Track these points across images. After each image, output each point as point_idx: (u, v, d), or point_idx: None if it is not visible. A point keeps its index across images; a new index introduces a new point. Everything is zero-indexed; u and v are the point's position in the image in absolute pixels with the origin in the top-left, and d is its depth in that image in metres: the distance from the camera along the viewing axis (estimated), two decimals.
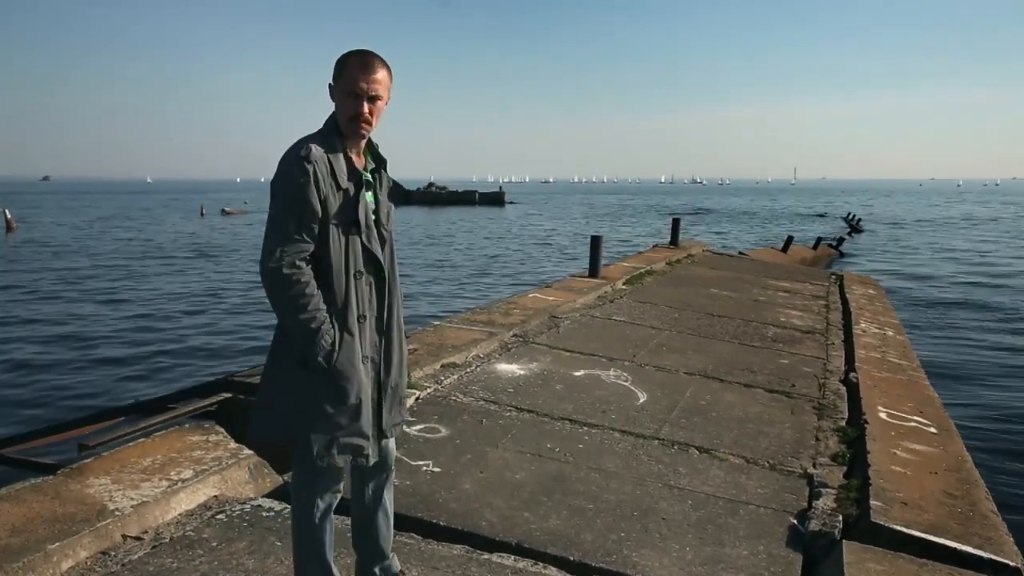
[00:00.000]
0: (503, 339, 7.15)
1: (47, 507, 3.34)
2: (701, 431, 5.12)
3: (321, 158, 2.47)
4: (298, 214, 2.43)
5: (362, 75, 2.47)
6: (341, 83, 2.50)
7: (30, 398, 9.72)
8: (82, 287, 20.56)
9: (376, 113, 2.54)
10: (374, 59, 2.51)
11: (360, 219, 2.52)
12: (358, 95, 2.48)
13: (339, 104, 2.54)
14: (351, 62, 2.49)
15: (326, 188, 2.46)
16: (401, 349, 2.73)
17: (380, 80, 2.50)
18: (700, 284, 11.98)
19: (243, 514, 3.56)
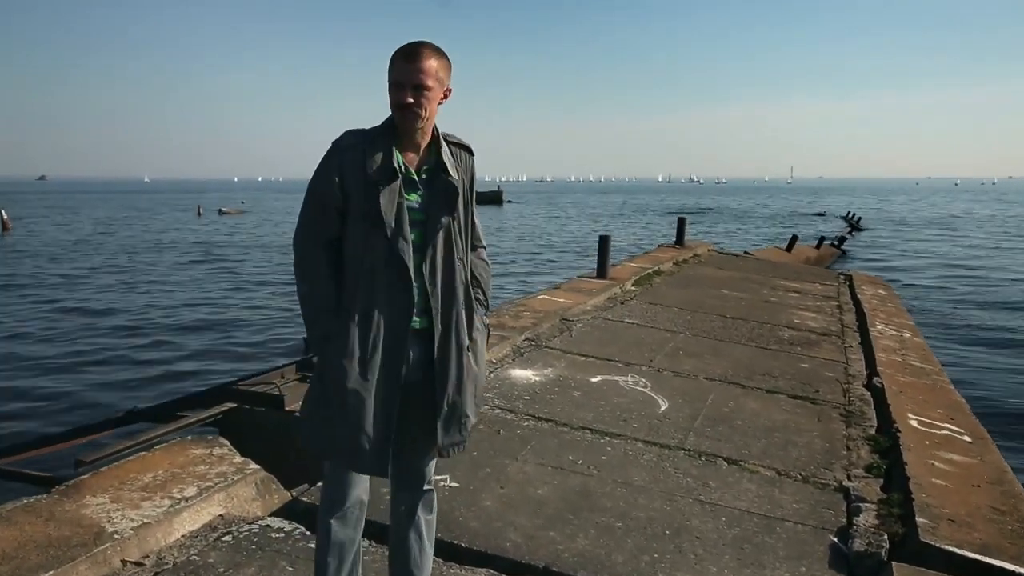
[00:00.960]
0: (515, 343, 6.92)
1: (40, 530, 3.10)
2: (728, 441, 4.89)
3: (353, 147, 2.39)
4: (316, 200, 2.45)
5: (406, 64, 2.34)
6: (389, 74, 2.37)
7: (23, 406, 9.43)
8: (77, 289, 20.29)
9: (426, 104, 2.37)
10: (421, 47, 2.35)
11: (383, 216, 2.35)
12: (402, 84, 2.34)
13: (390, 96, 2.39)
14: (398, 53, 2.36)
15: (352, 178, 2.37)
16: (460, 365, 2.51)
17: (427, 69, 2.34)
18: (709, 285, 11.76)
19: (251, 535, 3.33)
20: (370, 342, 2.39)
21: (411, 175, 2.43)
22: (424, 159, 2.48)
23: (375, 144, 2.39)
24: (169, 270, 25.09)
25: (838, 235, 35.00)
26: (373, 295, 2.39)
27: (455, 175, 2.48)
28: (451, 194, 2.47)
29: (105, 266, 26.14)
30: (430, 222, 2.44)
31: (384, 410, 2.42)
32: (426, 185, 2.46)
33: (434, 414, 2.49)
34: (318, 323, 2.44)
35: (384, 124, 2.45)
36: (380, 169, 2.36)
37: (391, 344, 2.40)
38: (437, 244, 2.45)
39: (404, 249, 2.38)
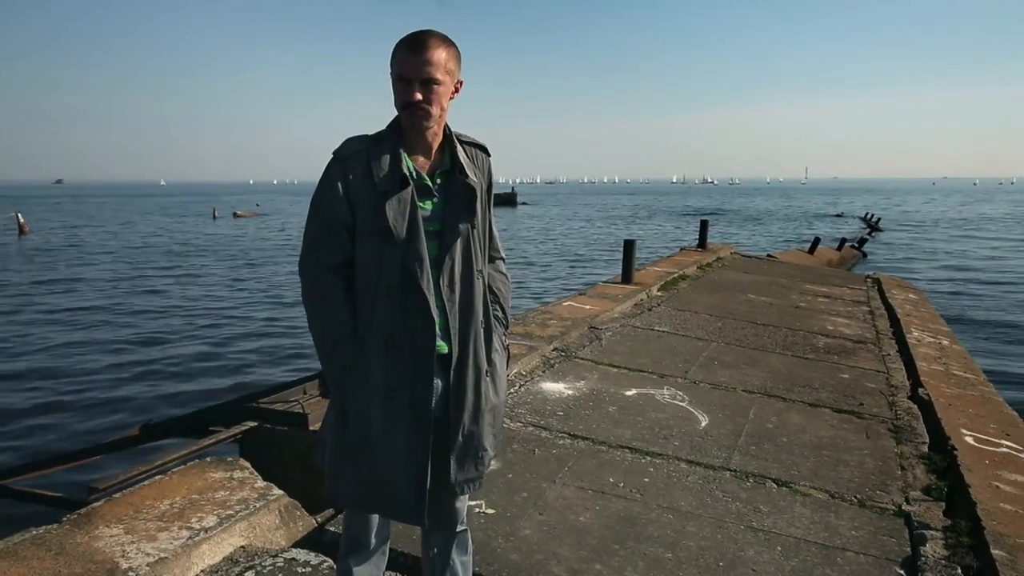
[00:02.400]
0: (544, 353, 6.66)
1: (49, 566, 2.87)
2: (775, 460, 4.62)
3: (356, 156, 2.12)
4: (321, 219, 2.19)
5: (411, 56, 2.05)
6: (392, 68, 2.09)
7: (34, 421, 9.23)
8: (91, 294, 20.19)
9: (435, 100, 2.08)
10: (426, 37, 2.06)
11: (392, 227, 2.08)
12: (408, 80, 2.06)
13: (394, 94, 2.11)
14: (401, 44, 2.07)
15: (359, 190, 2.10)
16: (478, 391, 2.24)
17: (435, 60, 2.05)
18: (736, 289, 11.47)
19: (275, 570, 3.09)
20: (394, 374, 2.14)
21: (424, 180, 2.16)
22: (437, 162, 2.21)
23: (381, 149, 2.12)
24: (182, 273, 24.98)
25: (858, 236, 34.62)
26: (391, 319, 2.12)
27: (473, 176, 2.21)
28: (470, 197, 2.19)
29: (120, 269, 26.08)
30: (447, 231, 2.17)
31: (418, 450, 2.16)
32: (442, 190, 2.19)
33: (448, 447, 2.23)
34: (335, 357, 2.15)
35: (390, 127, 2.19)
36: (389, 176, 2.09)
37: (417, 373, 2.14)
38: (455, 256, 2.18)
39: (421, 264, 2.11)
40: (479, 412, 2.26)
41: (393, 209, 2.09)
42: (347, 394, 2.18)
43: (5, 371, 11.54)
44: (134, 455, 5.25)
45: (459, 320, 2.20)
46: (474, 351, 2.23)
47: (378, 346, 2.14)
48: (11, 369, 11.68)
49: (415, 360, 2.14)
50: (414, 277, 2.11)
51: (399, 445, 2.15)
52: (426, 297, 2.11)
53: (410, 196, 2.11)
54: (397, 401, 2.14)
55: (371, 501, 2.26)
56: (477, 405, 2.25)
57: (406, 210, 2.10)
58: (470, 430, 2.24)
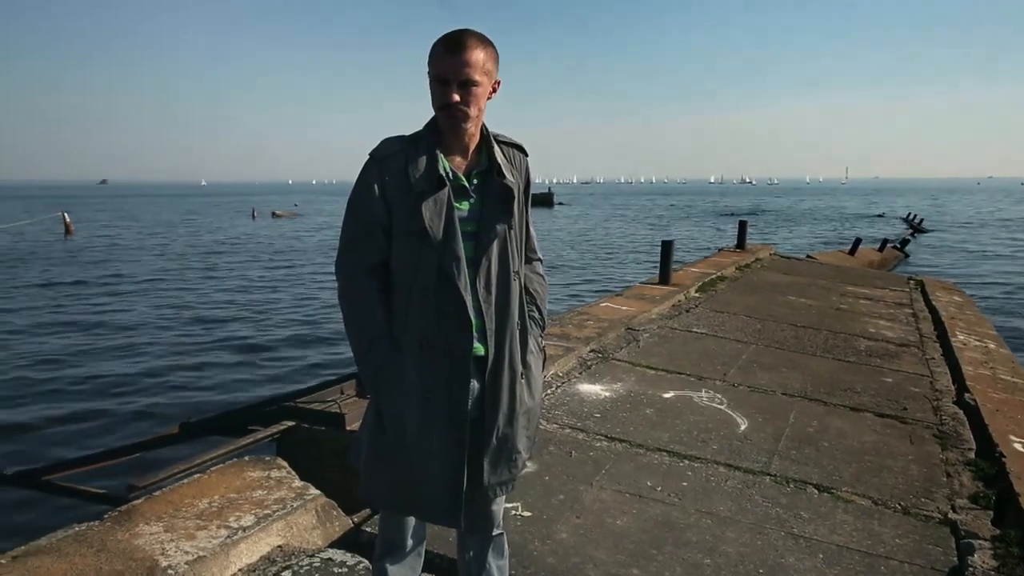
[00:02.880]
0: (581, 355, 6.62)
1: (91, 563, 2.90)
2: (815, 465, 4.54)
3: (393, 156, 2.10)
4: (357, 219, 2.18)
5: (449, 57, 2.02)
6: (430, 69, 2.07)
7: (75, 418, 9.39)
8: (133, 293, 20.51)
9: (473, 101, 2.06)
10: (465, 37, 2.04)
11: (428, 228, 2.06)
12: (446, 81, 2.03)
13: (431, 94, 2.09)
14: (439, 44, 2.05)
15: (395, 191, 2.08)
16: (513, 394, 2.21)
17: (473, 61, 2.02)
18: (775, 291, 11.32)
19: (312, 569, 3.10)
20: (430, 375, 2.12)
21: (460, 181, 2.14)
22: (474, 162, 2.18)
23: (417, 150, 2.10)
24: (223, 272, 25.29)
25: (900, 237, 34.05)
26: (427, 321, 2.11)
27: (510, 177, 2.18)
28: (507, 198, 2.17)
29: (163, 268, 26.50)
30: (484, 232, 2.15)
31: (454, 451, 2.14)
32: (479, 191, 2.16)
33: (481, 449, 2.21)
34: (370, 357, 2.15)
35: (426, 127, 2.16)
36: (425, 177, 2.07)
37: (454, 375, 2.12)
38: (492, 257, 2.15)
39: (458, 265, 2.09)
40: (514, 414, 2.23)
41: (429, 210, 2.07)
42: (382, 395, 2.17)
43: (49, 369, 11.75)
44: (173, 453, 5.31)
45: (495, 322, 2.17)
46: (510, 353, 2.20)
47: (413, 347, 2.13)
48: (55, 367, 11.89)
49: (451, 361, 2.12)
50: (450, 278, 2.09)
51: (435, 447, 2.14)
52: (462, 298, 2.09)
53: (446, 197, 2.10)
54: (433, 403, 2.13)
55: (406, 502, 2.25)
56: (512, 407, 2.23)
57: (442, 211, 2.09)
58: (504, 432, 2.22)
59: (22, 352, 12.90)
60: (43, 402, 9.91)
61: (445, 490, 2.16)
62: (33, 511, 6.09)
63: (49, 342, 13.78)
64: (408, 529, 2.37)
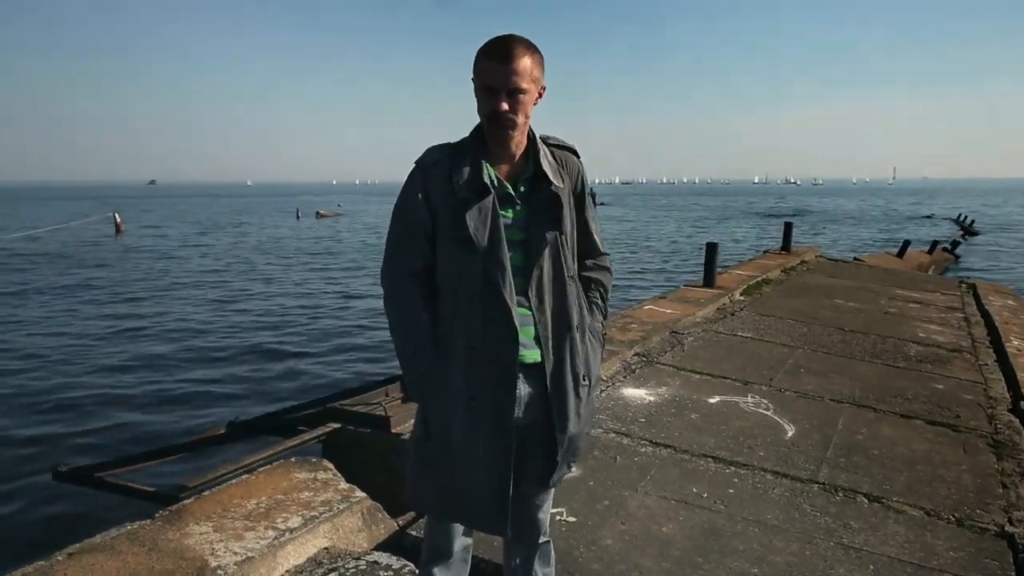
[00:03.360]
0: (625, 358, 6.59)
1: (143, 562, 2.95)
2: (865, 474, 4.46)
3: (438, 164, 2.11)
4: (402, 226, 2.19)
5: (497, 65, 2.01)
6: (477, 76, 2.06)
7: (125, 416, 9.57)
8: (182, 292, 20.86)
9: (520, 109, 2.05)
10: (513, 44, 2.02)
11: (473, 236, 2.05)
12: (494, 89, 2.02)
13: (478, 102, 2.09)
14: (486, 51, 2.03)
15: (440, 198, 2.08)
16: (577, 397, 2.23)
17: (521, 69, 2.01)
18: (822, 294, 11.15)
19: (358, 573, 3.11)
20: (476, 382, 2.11)
21: (505, 189, 2.13)
22: (520, 169, 2.17)
23: (462, 157, 2.10)
24: (270, 272, 25.61)
25: (950, 239, 33.35)
26: (472, 327, 2.10)
27: (558, 182, 2.16)
28: (555, 205, 2.15)
29: (212, 268, 26.91)
30: (533, 239, 2.14)
31: (499, 459, 2.14)
32: (525, 198, 2.15)
33: (550, 455, 2.22)
34: (416, 362, 2.16)
35: (471, 134, 2.16)
36: (469, 185, 2.07)
37: (500, 382, 2.11)
38: (543, 264, 2.14)
39: (503, 273, 2.08)
40: (579, 418, 2.25)
41: (474, 218, 2.07)
42: (427, 401, 2.18)
43: (99, 367, 12.00)
44: (221, 453, 5.38)
45: (551, 328, 2.17)
46: (571, 360, 2.20)
47: (459, 354, 2.12)
48: (105, 365, 12.13)
49: (497, 369, 2.11)
50: (495, 286, 2.08)
51: (480, 454, 2.13)
52: (507, 306, 2.08)
53: (491, 204, 2.09)
54: (478, 409, 2.12)
55: (451, 509, 2.25)
56: (577, 411, 2.24)
57: (487, 218, 2.08)
58: (572, 435, 2.24)
59: (73, 351, 13.20)
60: (93, 401, 10.12)
61: (491, 498, 2.16)
62: (86, 507, 6.22)
63: (97, 341, 14.09)
64: (455, 535, 2.38)
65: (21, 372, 11.62)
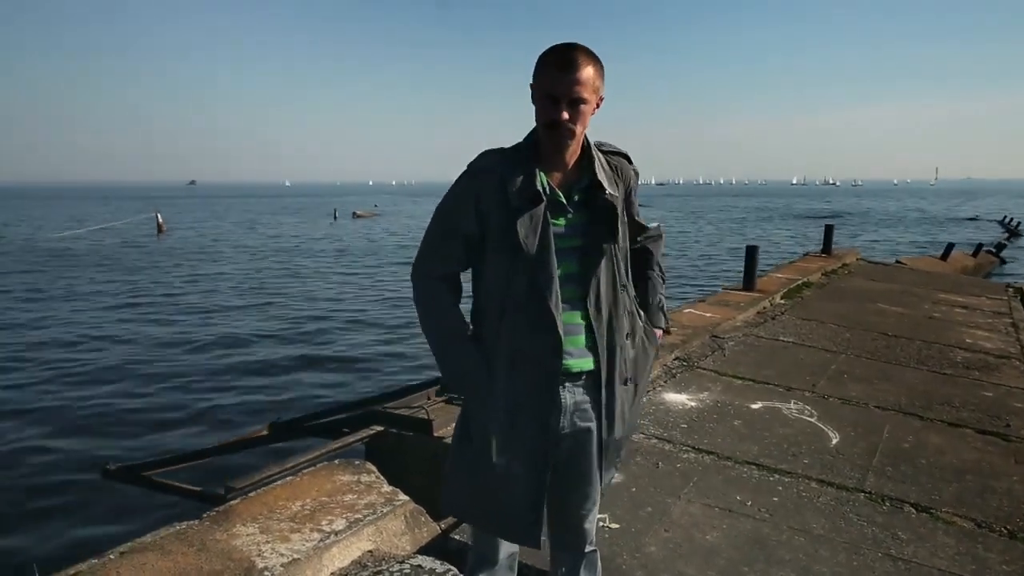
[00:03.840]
0: (665, 362, 6.55)
1: (192, 561, 2.99)
2: (913, 483, 4.38)
3: (489, 170, 2.08)
4: (444, 227, 2.19)
5: (561, 74, 1.99)
6: (537, 83, 2.04)
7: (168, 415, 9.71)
8: (225, 291, 21.14)
9: (580, 119, 2.04)
10: (576, 54, 2.00)
11: (523, 244, 2.04)
12: (555, 99, 2.00)
13: (536, 109, 2.07)
14: (549, 59, 2.01)
15: (490, 205, 2.06)
16: (623, 400, 2.23)
17: (583, 80, 1.99)
18: (864, 298, 10.99)
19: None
20: (519, 388, 2.11)
21: (558, 197, 2.11)
22: (575, 177, 2.15)
23: (515, 164, 2.09)
24: (310, 272, 25.84)
25: (996, 241, 32.69)
26: (518, 335, 2.09)
27: (614, 191, 2.15)
28: (610, 213, 2.14)
29: (253, 268, 27.21)
30: (588, 248, 2.13)
31: (539, 467, 2.13)
32: (579, 207, 2.13)
33: (597, 462, 2.22)
34: (448, 357, 2.17)
35: (526, 141, 2.15)
36: (521, 192, 2.06)
37: (543, 390, 2.10)
38: (599, 273, 2.13)
39: (549, 282, 2.06)
40: (626, 424, 2.26)
41: (524, 226, 2.06)
42: (469, 404, 2.19)
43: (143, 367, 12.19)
44: (264, 453, 5.45)
45: (605, 337, 2.16)
46: (621, 365, 2.20)
47: (503, 360, 2.12)
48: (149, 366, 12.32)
49: (540, 377, 2.11)
50: (542, 294, 2.07)
51: (516, 467, 2.13)
52: (552, 314, 2.06)
53: (542, 213, 2.08)
54: (520, 417, 2.12)
55: (484, 516, 2.25)
56: (624, 417, 2.24)
57: (538, 227, 2.07)
58: (620, 438, 2.26)
59: (118, 350, 13.43)
60: (138, 400, 10.29)
61: (525, 507, 2.15)
62: (133, 504, 6.32)
63: (140, 340, 14.33)
64: (501, 542, 2.37)
65: (68, 372, 11.84)
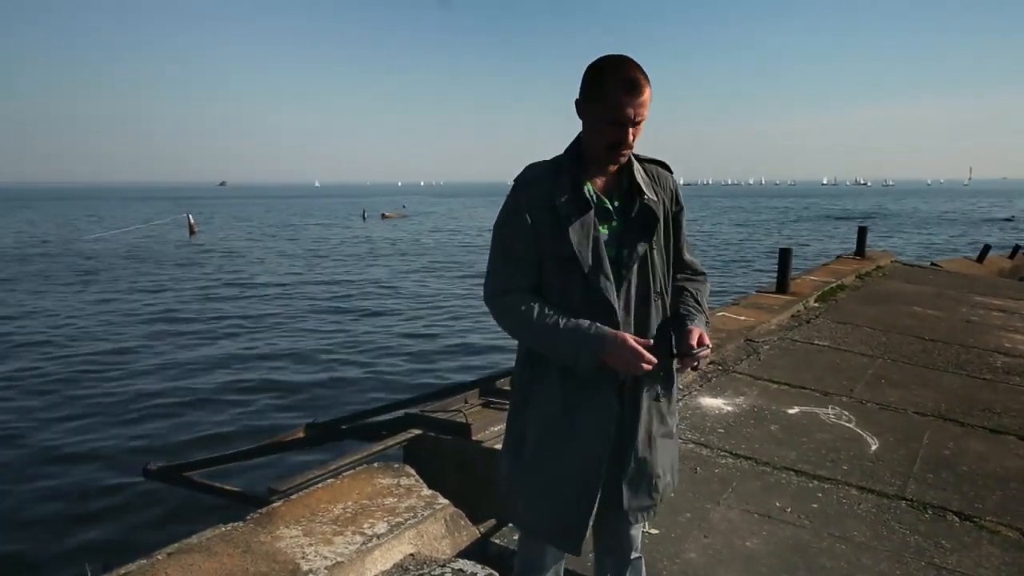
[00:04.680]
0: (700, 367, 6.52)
1: (238, 563, 3.03)
2: (955, 491, 4.33)
3: (537, 182, 2.10)
4: (503, 247, 2.18)
5: (629, 99, 1.97)
6: (600, 106, 2.01)
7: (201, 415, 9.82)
8: (260, 292, 21.30)
9: (637, 136, 2.05)
10: (640, 76, 1.99)
11: (577, 253, 2.05)
12: (622, 123, 1.99)
13: (594, 128, 2.07)
14: (614, 81, 1.98)
15: (541, 216, 2.07)
16: (650, 416, 2.20)
17: (646, 101, 2.00)
18: (899, 301, 10.86)
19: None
20: (574, 396, 2.12)
21: (604, 204, 2.13)
22: (615, 183, 2.16)
23: (562, 175, 2.10)
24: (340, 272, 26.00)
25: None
26: None
27: (652, 195, 2.15)
28: (649, 218, 2.14)
29: (285, 269, 27.43)
30: (624, 253, 2.12)
31: (591, 473, 2.14)
32: (620, 213, 2.14)
33: (620, 473, 2.19)
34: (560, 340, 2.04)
35: (568, 151, 2.16)
36: (570, 201, 2.07)
37: (599, 396, 2.12)
38: (632, 278, 2.13)
39: (607, 288, 2.08)
40: (651, 438, 2.22)
41: (577, 234, 2.07)
42: (521, 415, 2.20)
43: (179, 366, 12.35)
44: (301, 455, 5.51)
45: None
46: (648, 376, 2.17)
47: (562, 372, 2.13)
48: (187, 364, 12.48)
49: (595, 384, 2.12)
50: (600, 300, 2.08)
51: (572, 467, 2.14)
52: (614, 322, 2.08)
53: (591, 221, 2.09)
54: (575, 423, 2.13)
55: (538, 526, 2.26)
56: (649, 431, 2.21)
57: (589, 234, 2.08)
58: (642, 456, 2.21)
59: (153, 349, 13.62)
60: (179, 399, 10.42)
61: (575, 512, 2.16)
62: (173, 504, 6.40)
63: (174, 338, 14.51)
64: (548, 549, 2.39)
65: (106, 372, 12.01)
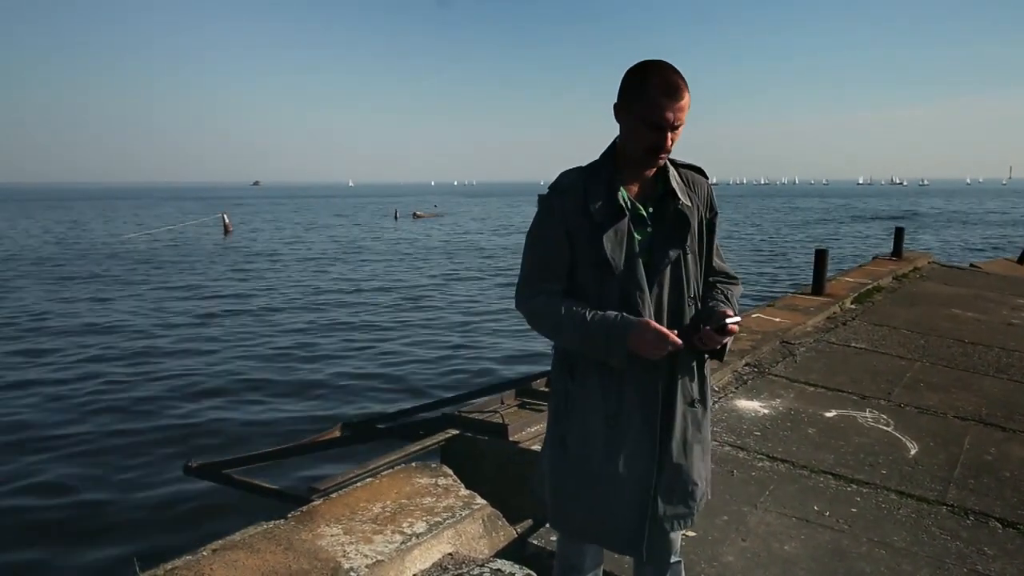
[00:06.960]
0: (736, 368, 6.50)
1: (280, 560, 3.08)
2: (997, 496, 4.28)
3: (572, 189, 2.10)
4: (537, 254, 2.19)
5: (669, 103, 1.98)
6: (640, 110, 2.01)
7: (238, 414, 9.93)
8: (295, 293, 21.45)
9: (675, 141, 2.06)
10: (679, 80, 2.00)
11: (611, 259, 2.06)
12: (661, 127, 2.00)
13: (633, 132, 2.07)
14: (655, 85, 1.98)
15: (576, 222, 2.08)
16: (685, 423, 2.20)
17: (685, 106, 2.01)
18: (937, 303, 10.71)
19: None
20: (615, 401, 2.13)
21: (639, 210, 2.13)
22: (650, 189, 2.17)
23: (597, 181, 2.11)
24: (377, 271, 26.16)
25: None
26: None
27: (686, 200, 2.15)
28: (682, 223, 2.14)
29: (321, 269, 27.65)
30: (657, 257, 2.13)
31: (644, 478, 2.15)
32: (654, 218, 2.15)
33: (657, 480, 2.19)
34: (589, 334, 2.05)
35: (603, 157, 2.16)
36: (604, 208, 2.08)
37: (642, 401, 2.13)
38: (664, 283, 2.14)
39: (640, 295, 2.08)
40: (687, 444, 2.22)
41: (611, 241, 2.08)
42: (561, 422, 2.23)
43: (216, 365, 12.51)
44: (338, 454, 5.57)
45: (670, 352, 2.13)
46: (681, 381, 2.19)
47: (599, 373, 2.14)
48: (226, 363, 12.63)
49: (638, 388, 2.13)
50: (634, 307, 2.09)
51: (623, 473, 2.15)
52: None
53: (626, 227, 2.11)
54: (619, 429, 2.14)
55: (589, 530, 2.27)
56: (684, 437, 2.22)
57: (623, 241, 2.10)
58: (677, 462, 2.20)
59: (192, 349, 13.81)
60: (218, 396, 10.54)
61: (631, 518, 2.17)
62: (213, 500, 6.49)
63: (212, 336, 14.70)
64: (588, 552, 2.40)
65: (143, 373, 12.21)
